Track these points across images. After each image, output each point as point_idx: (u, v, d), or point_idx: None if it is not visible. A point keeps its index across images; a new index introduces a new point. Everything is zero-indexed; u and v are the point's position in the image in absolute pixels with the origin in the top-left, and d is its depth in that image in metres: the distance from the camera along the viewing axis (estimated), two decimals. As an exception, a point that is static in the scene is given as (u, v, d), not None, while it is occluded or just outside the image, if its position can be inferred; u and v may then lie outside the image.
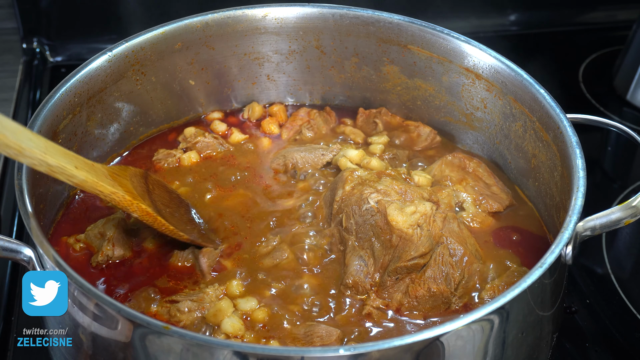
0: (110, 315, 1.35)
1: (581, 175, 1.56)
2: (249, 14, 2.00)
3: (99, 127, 1.88)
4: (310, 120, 2.07)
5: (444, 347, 1.34)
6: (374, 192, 1.70)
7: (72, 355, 1.50)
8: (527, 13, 2.91)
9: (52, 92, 1.72)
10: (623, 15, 2.90)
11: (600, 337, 1.81)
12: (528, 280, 1.36)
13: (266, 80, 2.13)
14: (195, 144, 1.97)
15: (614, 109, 2.53)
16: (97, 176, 1.50)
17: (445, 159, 1.91)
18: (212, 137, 1.99)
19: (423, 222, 1.66)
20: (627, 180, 2.29)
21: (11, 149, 1.30)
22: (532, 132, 1.81)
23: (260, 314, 1.58)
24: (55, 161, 1.39)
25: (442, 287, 1.60)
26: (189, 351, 1.30)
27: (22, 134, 1.33)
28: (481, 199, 1.83)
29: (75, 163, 1.45)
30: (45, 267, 1.45)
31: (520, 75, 1.82)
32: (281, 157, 1.95)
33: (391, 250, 1.65)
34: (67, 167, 1.41)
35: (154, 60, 1.94)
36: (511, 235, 1.77)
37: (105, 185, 1.51)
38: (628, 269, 2.01)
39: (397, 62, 2.03)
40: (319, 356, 1.29)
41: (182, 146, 1.99)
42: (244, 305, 1.59)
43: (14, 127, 1.32)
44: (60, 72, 2.60)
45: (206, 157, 1.97)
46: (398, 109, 2.11)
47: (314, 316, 1.60)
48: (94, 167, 1.52)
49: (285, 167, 1.92)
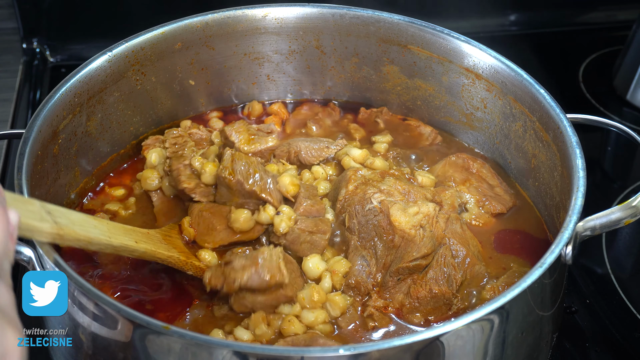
0: (110, 315, 1.35)
1: (581, 175, 1.56)
2: (249, 14, 2.00)
3: (99, 127, 1.88)
4: (318, 114, 2.07)
5: (444, 347, 1.34)
6: (377, 192, 1.70)
7: (72, 355, 1.50)
8: (527, 13, 2.91)
9: (52, 92, 1.72)
10: (623, 15, 2.90)
11: (600, 337, 1.81)
12: (528, 280, 1.36)
13: (266, 80, 2.13)
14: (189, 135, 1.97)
15: (614, 109, 2.53)
16: (154, 244, 1.57)
17: (449, 159, 1.91)
18: (206, 130, 1.99)
19: (426, 223, 1.66)
20: (627, 180, 2.29)
21: (81, 241, 1.38)
22: (532, 132, 1.81)
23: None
24: (119, 242, 1.46)
25: (443, 288, 1.60)
26: (188, 351, 1.30)
27: (87, 223, 1.40)
28: (484, 200, 1.83)
29: (135, 238, 1.52)
30: (45, 267, 1.45)
31: (520, 75, 1.82)
32: (286, 144, 1.92)
33: (393, 251, 1.65)
34: (129, 244, 1.48)
35: (154, 60, 1.94)
36: (513, 238, 1.77)
37: (162, 252, 1.57)
38: (628, 269, 2.01)
39: (397, 62, 2.03)
40: (319, 356, 1.28)
41: None
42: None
43: (80, 219, 1.38)
44: (60, 72, 2.60)
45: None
46: (398, 109, 2.11)
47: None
48: (149, 235, 1.59)
49: (288, 155, 1.90)
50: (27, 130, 1.62)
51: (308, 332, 1.54)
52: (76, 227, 1.34)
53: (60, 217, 1.31)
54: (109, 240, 1.42)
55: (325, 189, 1.82)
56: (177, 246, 1.64)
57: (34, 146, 1.60)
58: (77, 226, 1.34)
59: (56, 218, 1.29)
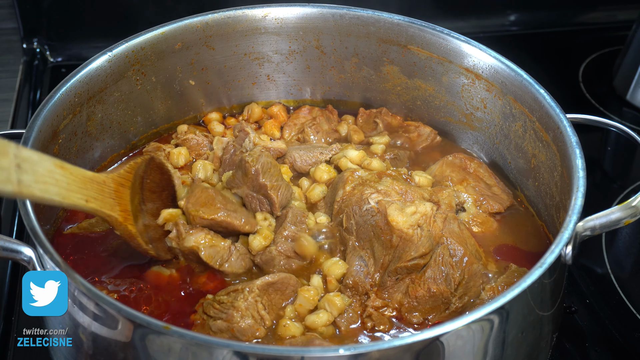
0: (110, 315, 1.35)
1: (581, 175, 1.56)
2: (249, 14, 2.01)
3: (99, 127, 1.88)
4: (316, 118, 2.07)
5: (444, 347, 1.34)
6: (375, 192, 1.70)
7: (72, 355, 1.50)
8: (527, 13, 2.91)
9: (52, 92, 1.72)
10: (623, 15, 2.90)
11: (600, 337, 1.81)
12: (528, 280, 1.36)
13: (266, 80, 2.13)
14: (184, 140, 1.97)
15: (614, 109, 2.54)
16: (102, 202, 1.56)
17: (446, 159, 1.91)
18: (202, 135, 1.99)
19: (423, 223, 1.66)
20: (627, 180, 2.29)
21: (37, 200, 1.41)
22: (532, 132, 1.81)
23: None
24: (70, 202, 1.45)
25: (442, 287, 1.60)
26: (188, 351, 1.30)
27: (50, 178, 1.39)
28: (482, 200, 1.83)
29: (87, 195, 1.51)
30: (45, 267, 1.45)
31: (520, 75, 1.82)
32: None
33: (391, 251, 1.65)
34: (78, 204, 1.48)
35: (154, 60, 1.94)
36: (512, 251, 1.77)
37: (104, 211, 1.56)
38: (628, 269, 2.01)
39: (397, 62, 2.03)
40: (319, 356, 1.28)
41: (173, 142, 1.99)
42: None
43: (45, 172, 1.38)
44: (60, 72, 2.61)
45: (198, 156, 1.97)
46: (398, 109, 2.11)
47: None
48: (102, 188, 1.57)
49: (283, 164, 1.91)
50: (27, 130, 1.62)
51: (306, 335, 1.54)
52: (37, 186, 1.34)
53: (26, 173, 1.30)
54: (61, 201, 1.41)
55: (322, 192, 1.82)
56: (123, 202, 1.63)
57: (34, 146, 1.60)
58: (39, 185, 1.34)
59: (22, 174, 1.29)
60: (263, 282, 1.58)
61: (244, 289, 1.56)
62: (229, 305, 1.55)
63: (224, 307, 1.55)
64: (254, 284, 1.57)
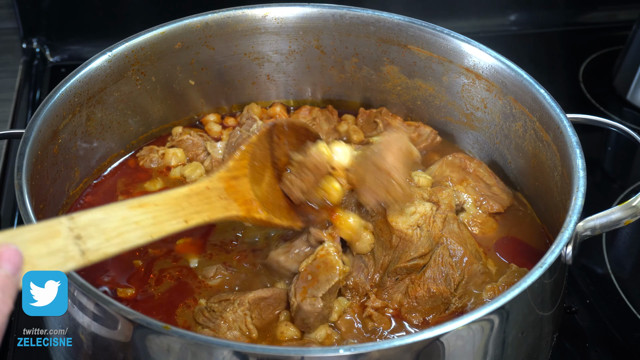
0: (110, 315, 1.35)
1: (581, 175, 1.55)
2: (249, 14, 2.00)
3: (99, 127, 1.88)
4: (316, 118, 2.06)
5: (444, 347, 1.34)
6: (374, 192, 1.70)
7: (72, 355, 1.50)
8: (527, 13, 2.91)
9: (52, 92, 1.72)
10: (623, 15, 2.90)
11: (600, 337, 1.81)
12: (528, 280, 1.36)
13: (266, 80, 2.13)
14: (180, 142, 1.97)
15: (614, 109, 2.53)
16: (209, 210, 1.44)
17: (446, 159, 1.91)
18: (198, 135, 1.98)
19: (423, 223, 1.66)
20: (627, 180, 2.29)
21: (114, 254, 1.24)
22: (532, 132, 1.81)
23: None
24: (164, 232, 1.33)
25: (441, 287, 1.60)
26: (188, 351, 1.30)
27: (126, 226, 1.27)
28: (482, 200, 1.83)
29: (186, 215, 1.38)
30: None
31: (520, 75, 1.82)
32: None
33: (391, 251, 1.65)
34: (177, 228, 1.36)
35: (154, 60, 1.94)
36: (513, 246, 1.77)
37: (218, 216, 1.46)
38: (628, 269, 2.01)
39: (397, 62, 2.03)
40: (319, 356, 1.28)
41: (168, 144, 1.99)
42: None
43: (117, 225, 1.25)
44: (60, 72, 2.60)
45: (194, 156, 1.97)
46: (398, 109, 2.11)
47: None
48: (206, 195, 1.45)
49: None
50: (27, 130, 1.62)
51: (304, 339, 1.54)
52: (109, 244, 1.21)
53: (91, 239, 1.18)
54: (151, 240, 1.30)
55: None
56: (240, 196, 1.50)
57: (34, 146, 1.60)
58: (112, 240, 1.22)
59: (86, 243, 1.17)
60: (255, 296, 1.56)
61: (235, 301, 1.55)
62: (217, 314, 1.54)
63: (213, 315, 1.55)
64: (246, 297, 1.55)
